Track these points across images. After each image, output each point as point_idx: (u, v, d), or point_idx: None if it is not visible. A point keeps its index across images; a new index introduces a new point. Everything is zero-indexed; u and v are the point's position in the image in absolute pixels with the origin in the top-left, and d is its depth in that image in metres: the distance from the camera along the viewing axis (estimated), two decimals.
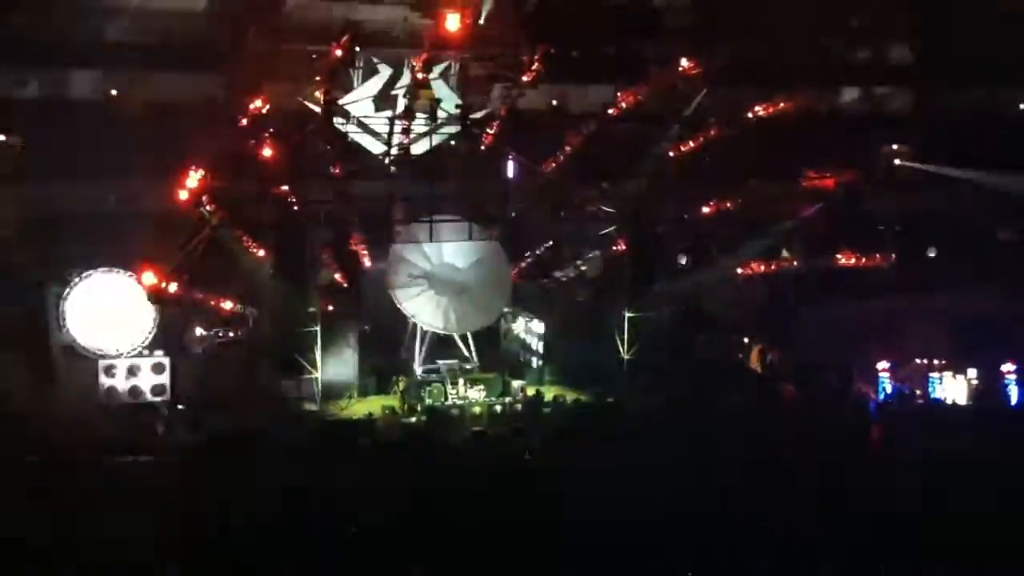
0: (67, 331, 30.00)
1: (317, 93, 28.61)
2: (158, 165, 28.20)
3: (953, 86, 37.86)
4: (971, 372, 33.77)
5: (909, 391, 33.44)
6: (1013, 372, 33.49)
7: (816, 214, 33.84)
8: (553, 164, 31.96)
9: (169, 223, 28.59)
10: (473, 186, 31.73)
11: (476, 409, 30.94)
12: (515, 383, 32.83)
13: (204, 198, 28.06)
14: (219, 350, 32.02)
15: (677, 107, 31.69)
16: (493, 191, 32.21)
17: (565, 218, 34.09)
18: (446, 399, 31.31)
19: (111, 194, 30.74)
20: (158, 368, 30.96)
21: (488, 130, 30.71)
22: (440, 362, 32.81)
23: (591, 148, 31.37)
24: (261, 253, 30.96)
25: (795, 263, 33.47)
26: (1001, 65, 36.30)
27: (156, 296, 27.53)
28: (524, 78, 29.60)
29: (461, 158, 31.93)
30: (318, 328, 31.09)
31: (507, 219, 32.88)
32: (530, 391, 32.47)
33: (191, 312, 30.54)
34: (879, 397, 33.61)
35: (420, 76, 28.62)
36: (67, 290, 30.06)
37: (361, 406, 31.64)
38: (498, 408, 31.14)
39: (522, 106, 30.79)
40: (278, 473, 23.35)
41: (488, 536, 19.92)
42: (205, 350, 31.77)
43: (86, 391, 30.01)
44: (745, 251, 33.89)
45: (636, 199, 32.86)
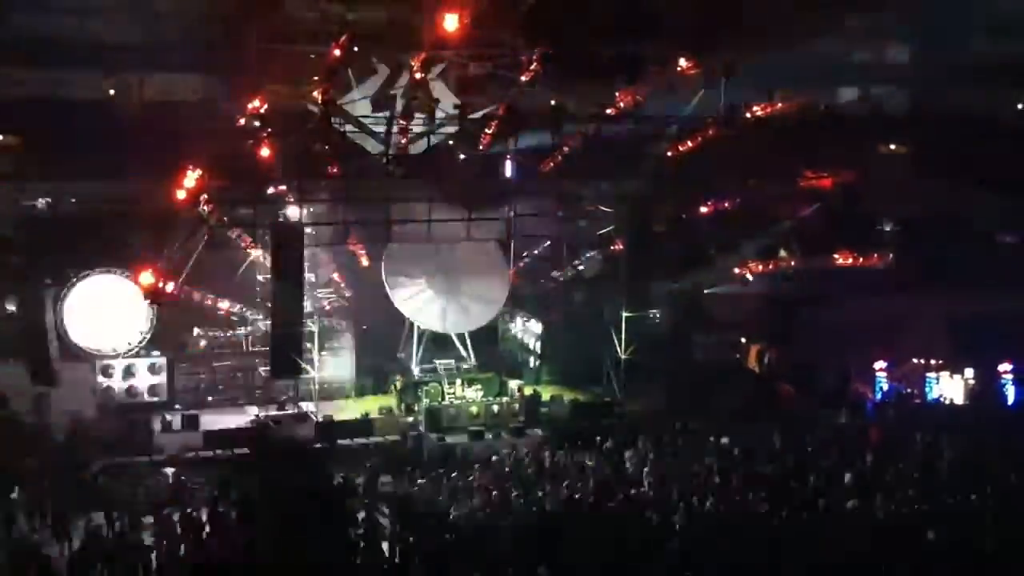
0: (65, 331, 29.98)
1: (315, 93, 28.53)
2: (156, 165, 28.16)
3: (952, 86, 37.94)
4: (968, 372, 33.91)
5: (906, 391, 33.54)
6: (1010, 372, 33.63)
7: (814, 214, 33.85)
8: (552, 164, 31.90)
9: (167, 223, 28.56)
10: (471, 186, 31.67)
11: (473, 409, 30.95)
12: (512, 383, 32.88)
13: (202, 198, 28.02)
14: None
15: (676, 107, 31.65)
16: (491, 191, 32.15)
17: (563, 218, 34.07)
18: (443, 399, 31.32)
19: (109, 194, 30.68)
20: (155, 368, 31.00)
21: (487, 130, 30.64)
22: (437, 362, 32.81)
23: (590, 147, 31.31)
24: (259, 253, 31.00)
25: (793, 263, 33.47)
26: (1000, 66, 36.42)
27: (153, 296, 27.50)
28: (523, 78, 29.57)
29: (460, 158, 31.87)
30: (316, 328, 31.09)
31: (505, 219, 32.84)
32: (527, 391, 32.51)
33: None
34: (876, 396, 33.70)
35: (419, 76, 28.61)
36: (65, 291, 30.04)
37: (358, 406, 31.67)
38: (495, 408, 31.15)
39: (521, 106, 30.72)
40: None
41: None
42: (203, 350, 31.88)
43: (84, 391, 30.09)
44: (744, 251, 33.90)
45: (634, 199, 32.81)
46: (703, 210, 33.75)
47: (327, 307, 32.76)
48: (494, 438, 29.50)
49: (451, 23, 24.12)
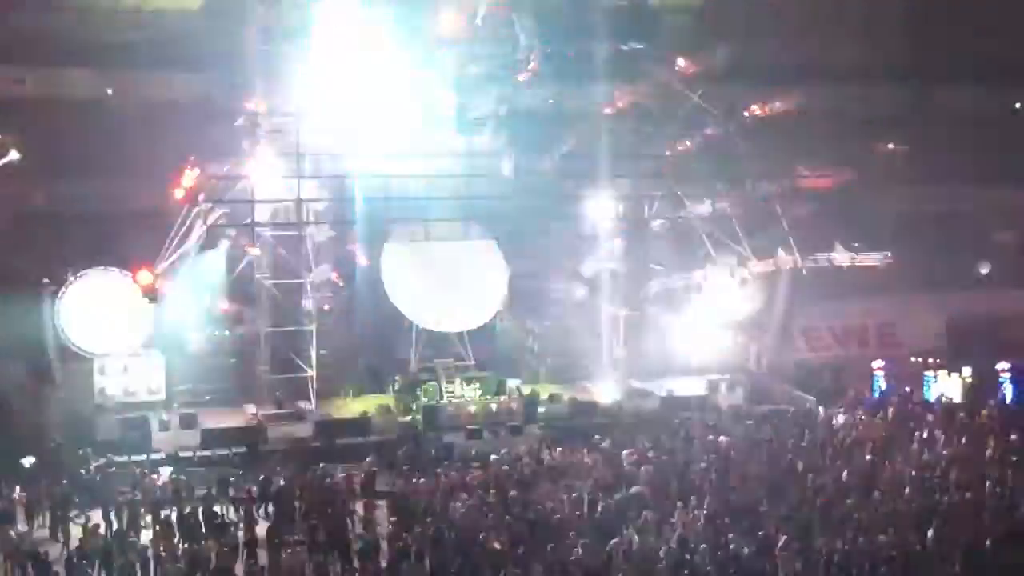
0: (63, 330, 29.94)
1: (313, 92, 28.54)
2: (154, 164, 28.16)
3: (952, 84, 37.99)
4: (966, 370, 33.91)
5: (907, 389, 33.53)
6: (1008, 370, 33.64)
7: (813, 213, 33.78)
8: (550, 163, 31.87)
9: (165, 222, 28.57)
10: (470, 185, 31.64)
11: (471, 408, 30.92)
12: (510, 382, 32.85)
13: (200, 197, 28.04)
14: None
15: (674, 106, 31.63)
16: (490, 191, 32.09)
17: (562, 217, 34.02)
18: (441, 397, 31.30)
19: (107, 193, 30.65)
20: (152, 367, 30.95)
21: (486, 129, 30.60)
22: (436, 361, 32.78)
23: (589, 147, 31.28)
24: (257, 252, 30.98)
25: (792, 262, 33.39)
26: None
27: (151, 295, 27.49)
28: (521, 77, 29.59)
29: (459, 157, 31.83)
30: (314, 327, 31.09)
31: (504, 218, 32.80)
32: (526, 390, 32.49)
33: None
34: (873, 395, 33.69)
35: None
36: (63, 289, 30.00)
37: (357, 405, 31.65)
38: (493, 407, 31.13)
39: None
40: None
41: None
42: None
43: (82, 390, 30.08)
44: (742, 250, 33.80)
45: (632, 199, 32.82)
46: (702, 209, 33.69)
47: (325, 306, 32.69)
48: (492, 437, 29.47)
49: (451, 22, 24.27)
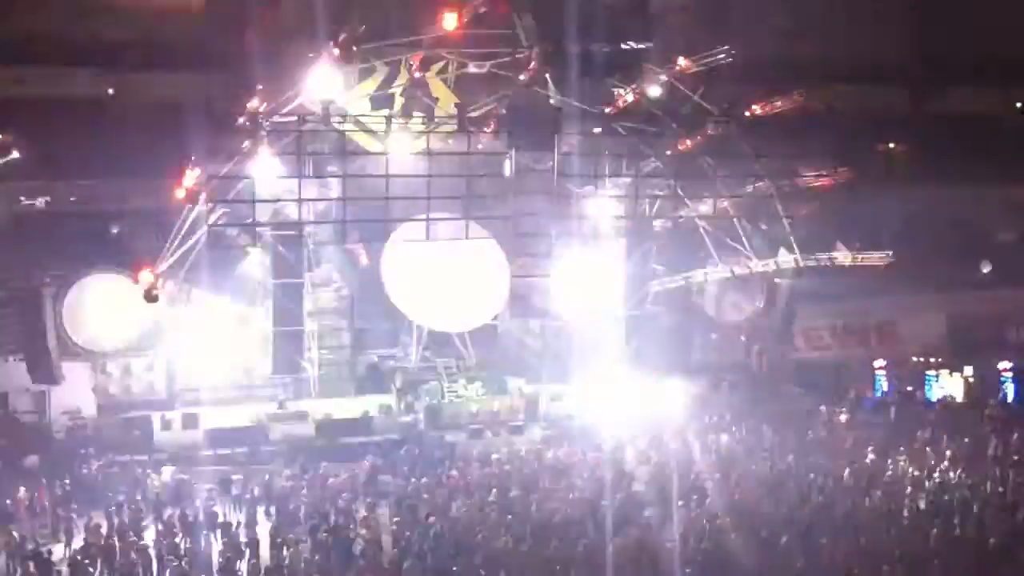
0: (64, 330, 29.95)
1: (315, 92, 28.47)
2: (155, 164, 28.16)
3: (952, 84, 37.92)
4: (967, 370, 33.94)
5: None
6: (1010, 370, 33.66)
7: (814, 213, 33.73)
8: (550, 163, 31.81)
9: (166, 222, 28.57)
10: (470, 184, 31.59)
11: (473, 407, 30.93)
12: (512, 381, 32.88)
13: (201, 197, 27.99)
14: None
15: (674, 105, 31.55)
16: (490, 189, 32.03)
17: (564, 215, 33.96)
18: (443, 397, 31.31)
19: (109, 193, 30.68)
20: (154, 367, 30.98)
21: (486, 128, 30.54)
22: (437, 360, 32.79)
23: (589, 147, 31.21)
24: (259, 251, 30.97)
25: (793, 262, 33.32)
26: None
27: (152, 295, 27.50)
28: (521, 76, 29.54)
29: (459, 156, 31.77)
30: (316, 326, 31.09)
31: (504, 218, 32.75)
32: (527, 389, 32.49)
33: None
34: (875, 394, 33.72)
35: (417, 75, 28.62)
36: (64, 289, 29.99)
37: (358, 404, 31.67)
38: (495, 406, 31.13)
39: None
40: None
41: None
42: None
43: (83, 390, 30.11)
44: (743, 250, 33.74)
45: (632, 199, 32.75)
46: (703, 208, 33.65)
47: (327, 306, 32.68)
48: (494, 436, 29.48)
49: (450, 22, 24.22)
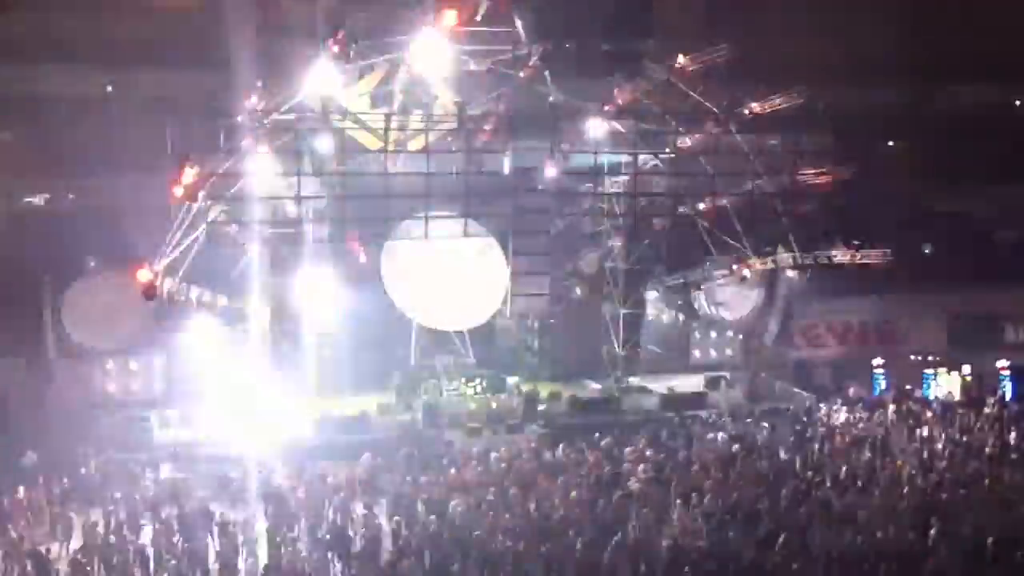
0: (62, 328, 29.93)
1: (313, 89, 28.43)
2: (154, 161, 28.11)
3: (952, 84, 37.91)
4: (965, 368, 33.95)
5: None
6: (1008, 369, 33.69)
7: (812, 211, 33.72)
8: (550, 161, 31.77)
9: (165, 220, 28.50)
10: (470, 182, 31.57)
11: (471, 405, 30.93)
12: (510, 379, 32.88)
13: (200, 194, 27.94)
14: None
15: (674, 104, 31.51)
16: (490, 188, 32.03)
17: (563, 214, 33.99)
18: (441, 395, 31.31)
19: (108, 190, 30.64)
20: (152, 365, 30.94)
21: (486, 126, 30.53)
22: (436, 358, 32.78)
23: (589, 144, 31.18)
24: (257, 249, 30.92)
25: (791, 260, 33.34)
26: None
27: (150, 293, 27.43)
28: (522, 74, 29.51)
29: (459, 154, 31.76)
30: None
31: (503, 216, 32.75)
32: (526, 387, 32.50)
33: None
34: (873, 392, 33.71)
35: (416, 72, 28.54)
36: (62, 287, 29.97)
37: (356, 402, 31.63)
38: (494, 404, 31.13)
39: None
40: None
41: None
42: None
43: (82, 388, 30.08)
44: (742, 248, 33.75)
45: (633, 195, 32.77)
46: (701, 207, 33.64)
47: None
48: (492, 435, 29.47)
49: (450, 19, 24.10)
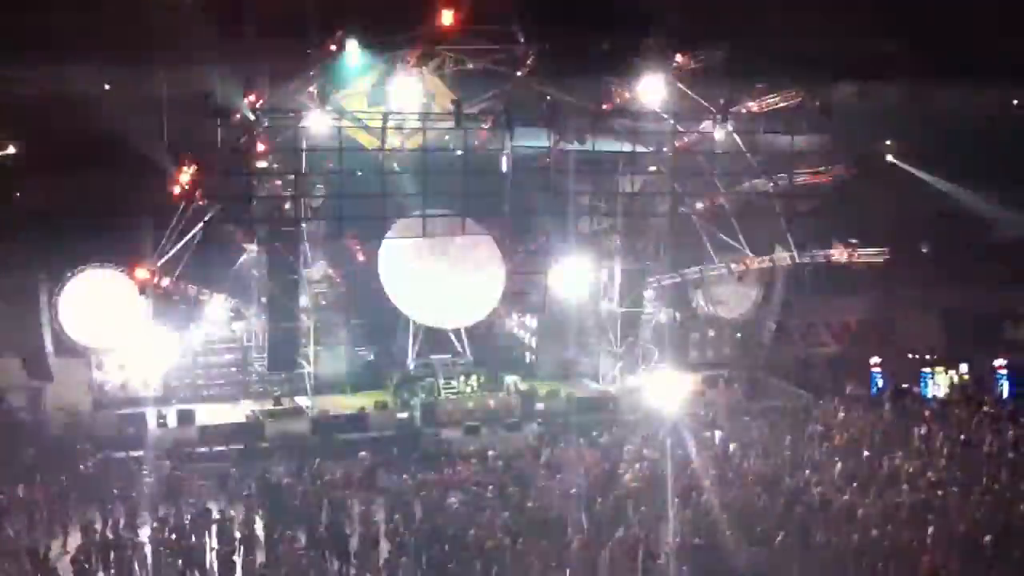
0: (60, 326, 29.89)
1: (311, 88, 28.44)
2: (152, 160, 28.11)
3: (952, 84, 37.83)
4: (963, 367, 33.96)
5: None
6: (1005, 367, 33.69)
7: (811, 210, 33.74)
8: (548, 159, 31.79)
9: (163, 218, 28.52)
10: (467, 181, 31.57)
11: (469, 403, 30.93)
12: (508, 378, 32.87)
13: (198, 193, 27.97)
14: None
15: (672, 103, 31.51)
16: (488, 187, 32.02)
17: (560, 213, 33.96)
18: (439, 393, 31.30)
19: (105, 189, 30.57)
20: (149, 363, 30.90)
21: (483, 125, 30.53)
22: (433, 357, 32.77)
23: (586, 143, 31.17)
24: (255, 248, 30.94)
25: (789, 259, 33.38)
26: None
27: (148, 291, 27.47)
28: (518, 72, 29.52)
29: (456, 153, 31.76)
30: (312, 323, 31.05)
31: (501, 214, 32.74)
32: (523, 386, 32.49)
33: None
34: (871, 391, 33.69)
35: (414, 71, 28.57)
36: (60, 285, 29.94)
37: (354, 400, 31.63)
38: (491, 402, 31.13)
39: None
40: None
41: None
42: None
43: (79, 386, 30.07)
44: (740, 247, 33.77)
45: (630, 196, 32.77)
46: (700, 206, 33.67)
47: (323, 302, 32.66)
48: (490, 433, 29.47)
49: (447, 18, 24.16)
